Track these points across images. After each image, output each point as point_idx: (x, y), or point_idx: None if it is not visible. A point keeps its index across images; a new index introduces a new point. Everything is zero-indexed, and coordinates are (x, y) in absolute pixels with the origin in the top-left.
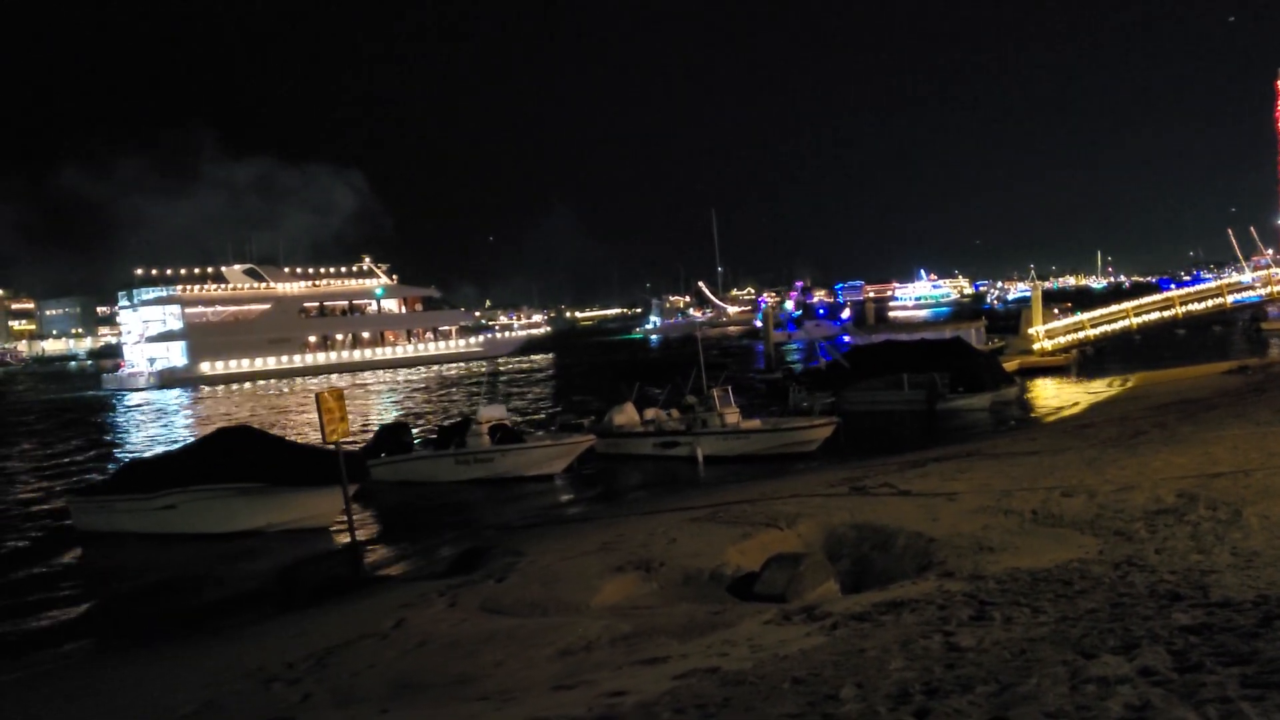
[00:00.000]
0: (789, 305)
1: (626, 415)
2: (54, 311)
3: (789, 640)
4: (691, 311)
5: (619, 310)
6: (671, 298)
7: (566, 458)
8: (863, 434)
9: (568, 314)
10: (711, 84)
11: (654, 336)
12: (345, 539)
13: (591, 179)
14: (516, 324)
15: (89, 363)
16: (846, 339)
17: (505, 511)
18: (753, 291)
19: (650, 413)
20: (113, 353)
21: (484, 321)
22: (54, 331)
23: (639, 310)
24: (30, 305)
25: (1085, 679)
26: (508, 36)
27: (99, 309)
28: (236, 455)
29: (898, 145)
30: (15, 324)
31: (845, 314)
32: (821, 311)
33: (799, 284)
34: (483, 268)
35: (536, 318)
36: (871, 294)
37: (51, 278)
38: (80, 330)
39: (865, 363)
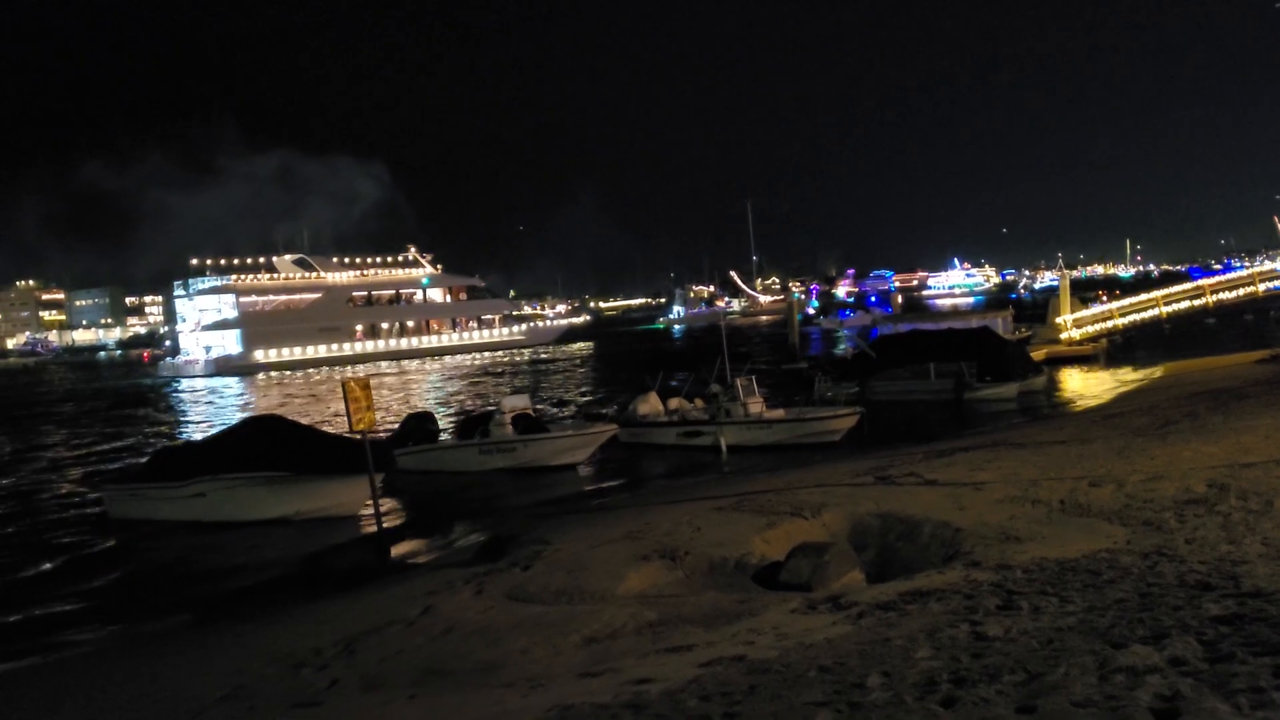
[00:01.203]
0: (840, 293)
1: (650, 405)
2: (83, 302)
3: (814, 629)
4: (717, 302)
5: (643, 300)
6: (695, 287)
7: (589, 447)
8: (889, 424)
9: (592, 304)
10: (733, 75)
11: (677, 326)
12: (372, 527)
13: (615, 169)
14: (550, 313)
15: (118, 352)
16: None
17: (530, 500)
18: (777, 281)
19: (674, 402)
20: (142, 342)
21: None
22: (83, 321)
23: (663, 300)
24: (60, 295)
25: (1114, 669)
26: (529, 25)
27: (127, 299)
28: (265, 444)
29: (920, 135)
30: (46, 314)
31: (898, 301)
32: (873, 299)
33: (850, 272)
34: (507, 257)
35: (560, 308)
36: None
37: (81, 268)
38: (109, 320)
39: (892, 352)
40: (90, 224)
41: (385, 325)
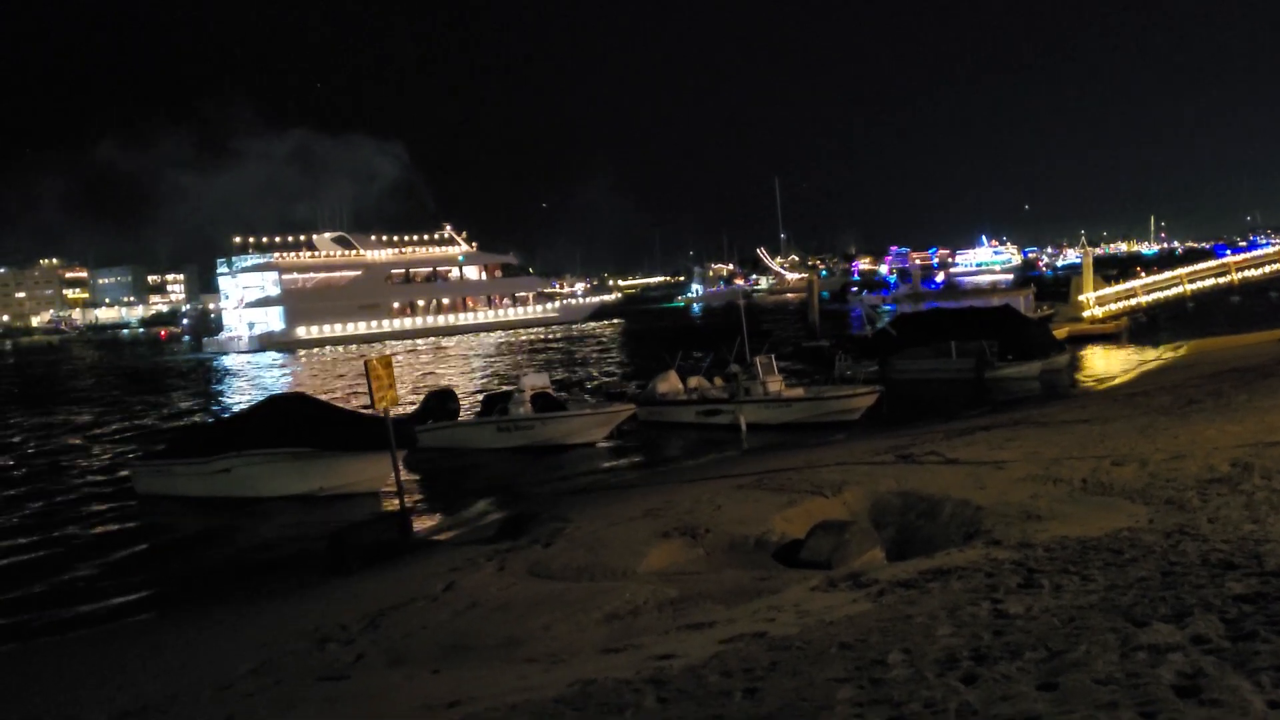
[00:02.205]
0: (883, 269)
1: (670, 383)
2: (106, 280)
3: (835, 606)
4: (736, 280)
5: (662, 278)
6: (715, 265)
7: (607, 426)
8: (910, 402)
9: (610, 282)
10: (751, 57)
11: (696, 305)
12: (394, 503)
13: (633, 147)
14: (579, 289)
15: (140, 330)
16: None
17: (552, 478)
18: (796, 259)
19: (693, 381)
20: (164, 320)
21: None
22: (106, 300)
23: (682, 278)
24: (84, 274)
25: (1136, 646)
26: (547, 5)
27: (149, 278)
28: (289, 421)
29: (942, 113)
30: (69, 292)
31: (939, 278)
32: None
33: (894, 249)
34: (526, 235)
35: (580, 286)
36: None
37: (103, 247)
38: (132, 298)
39: (913, 331)
40: (112, 203)
41: (421, 302)
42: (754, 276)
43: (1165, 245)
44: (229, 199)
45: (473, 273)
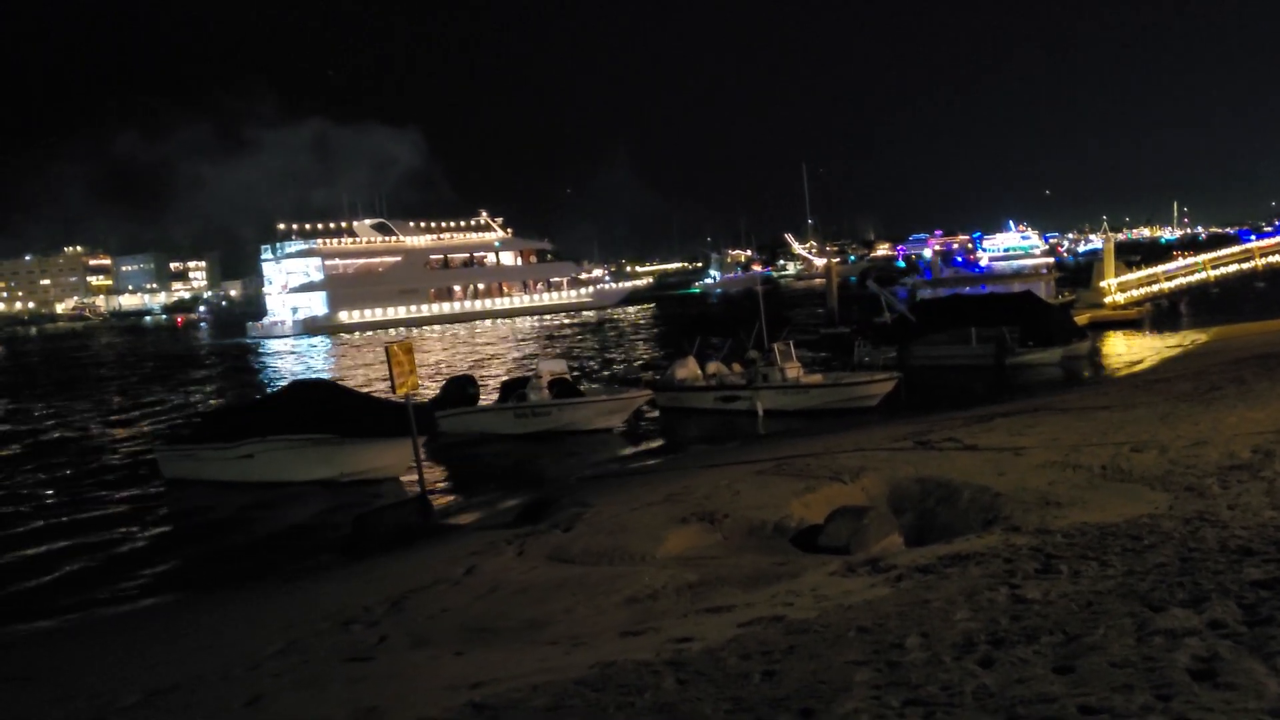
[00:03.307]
0: (927, 254)
1: (688, 369)
2: (129, 267)
3: (853, 591)
4: (754, 266)
5: (679, 264)
6: (732, 251)
7: (624, 412)
8: (929, 389)
9: (629, 268)
10: (772, 44)
11: (715, 290)
12: (415, 489)
13: (651, 132)
14: (606, 275)
15: (163, 317)
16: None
17: (570, 463)
18: (815, 245)
19: (712, 367)
20: (185, 307)
21: None
22: (129, 286)
23: (699, 264)
24: (107, 261)
25: (1152, 631)
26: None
27: (171, 264)
28: (311, 407)
29: (957, 102)
30: (93, 279)
31: (984, 262)
32: (959, 260)
33: (938, 232)
34: (543, 220)
35: (598, 271)
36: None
37: (126, 235)
38: (154, 285)
39: (933, 317)
40: (135, 192)
41: (458, 288)
42: (780, 261)
43: (1188, 231)
44: (249, 187)
45: (508, 258)
